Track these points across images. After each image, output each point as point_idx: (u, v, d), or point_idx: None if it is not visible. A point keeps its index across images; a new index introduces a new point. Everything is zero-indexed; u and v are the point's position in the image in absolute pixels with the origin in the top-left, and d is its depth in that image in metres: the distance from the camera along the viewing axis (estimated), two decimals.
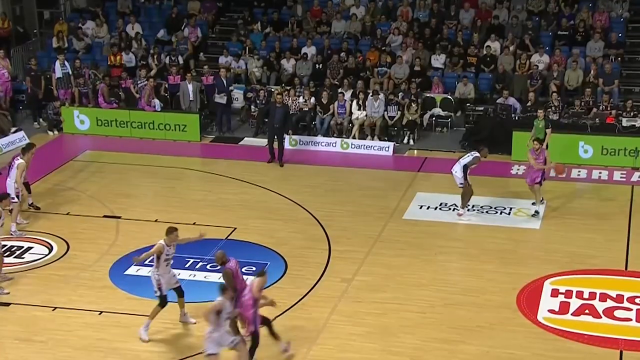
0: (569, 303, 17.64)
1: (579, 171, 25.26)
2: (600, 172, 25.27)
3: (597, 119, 26.73)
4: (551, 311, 17.39)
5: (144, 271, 18.69)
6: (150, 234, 20.62)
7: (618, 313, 17.31)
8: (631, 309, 17.41)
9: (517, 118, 27.17)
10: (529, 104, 27.33)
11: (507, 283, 18.57)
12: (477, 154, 21.65)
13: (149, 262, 16.84)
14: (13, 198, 20.88)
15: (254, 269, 18.70)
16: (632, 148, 25.48)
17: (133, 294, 18.13)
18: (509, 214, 22.25)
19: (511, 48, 30.01)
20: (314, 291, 18.29)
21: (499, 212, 22.36)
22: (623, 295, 17.85)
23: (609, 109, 26.99)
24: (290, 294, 18.06)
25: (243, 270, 16.67)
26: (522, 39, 30.52)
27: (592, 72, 28.47)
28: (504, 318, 17.18)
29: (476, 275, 19.01)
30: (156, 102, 28.75)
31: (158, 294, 16.46)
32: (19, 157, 21.34)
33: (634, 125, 26.35)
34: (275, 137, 26.24)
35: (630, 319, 17.11)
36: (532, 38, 30.48)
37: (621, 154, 25.62)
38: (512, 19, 31.59)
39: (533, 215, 21.93)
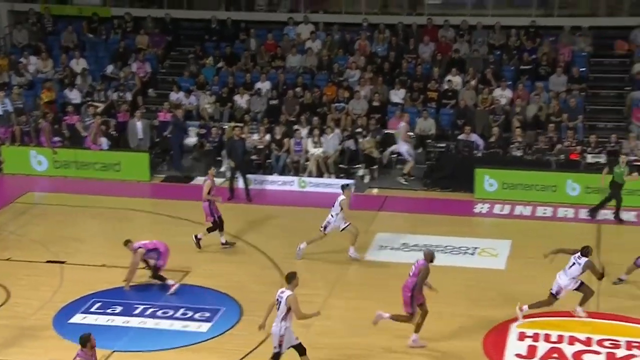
0: (537, 347, 17.39)
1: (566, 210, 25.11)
2: (566, 210, 25.17)
3: (561, 155, 26.53)
4: (518, 355, 17.11)
5: (90, 319, 18.35)
6: (97, 279, 20.31)
7: (587, 357, 17.05)
8: (600, 353, 17.18)
9: (479, 155, 26.88)
10: (491, 139, 27.06)
11: (472, 327, 18.18)
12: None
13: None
14: None
15: (207, 314, 18.46)
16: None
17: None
18: (473, 254, 21.96)
19: (472, 82, 29.66)
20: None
21: (463, 252, 22.08)
22: (592, 338, 17.62)
23: (574, 144, 26.74)
24: (247, 340, 17.47)
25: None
26: (484, 73, 30.18)
27: (554, 105, 28.15)
28: None
29: (440, 318, 18.38)
30: (103, 140, 28.29)
31: (277, 350, 15.61)
32: None
33: (599, 161, 26.08)
34: (238, 173, 26.20)
35: None
36: (494, 72, 30.20)
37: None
38: (473, 53, 31.29)
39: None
